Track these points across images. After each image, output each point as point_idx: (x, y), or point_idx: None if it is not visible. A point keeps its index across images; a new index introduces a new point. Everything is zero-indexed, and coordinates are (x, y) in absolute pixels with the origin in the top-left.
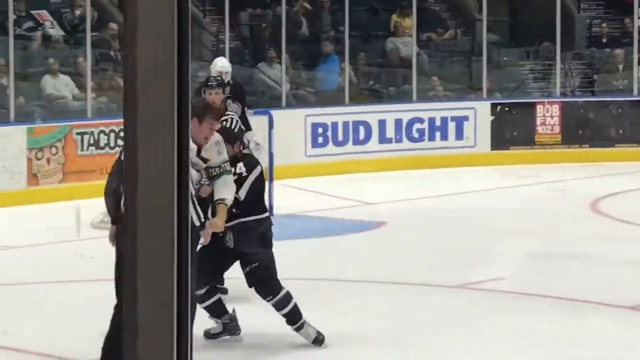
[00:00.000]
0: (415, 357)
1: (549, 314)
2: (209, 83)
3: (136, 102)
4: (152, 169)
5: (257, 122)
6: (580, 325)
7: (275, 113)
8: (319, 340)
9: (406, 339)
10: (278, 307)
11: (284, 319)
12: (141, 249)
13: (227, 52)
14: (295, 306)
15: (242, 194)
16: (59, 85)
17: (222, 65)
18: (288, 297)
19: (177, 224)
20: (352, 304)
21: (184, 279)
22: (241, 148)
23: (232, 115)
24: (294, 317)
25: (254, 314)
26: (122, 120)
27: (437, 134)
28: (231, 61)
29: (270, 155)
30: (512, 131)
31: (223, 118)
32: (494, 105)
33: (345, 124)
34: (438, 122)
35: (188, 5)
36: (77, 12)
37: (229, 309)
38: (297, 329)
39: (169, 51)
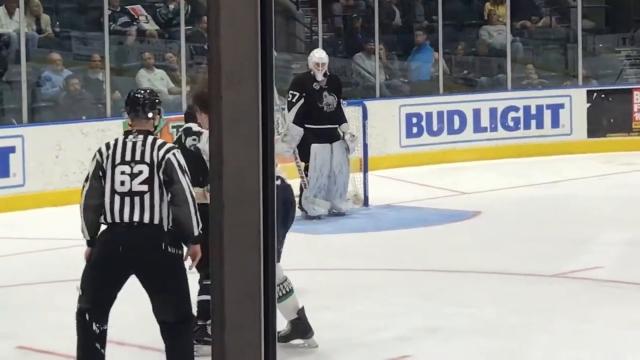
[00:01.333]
0: (518, 346)
1: None
2: None
3: (220, 94)
4: (237, 160)
5: (351, 113)
6: None
7: (369, 104)
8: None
9: (516, 328)
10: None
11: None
12: (227, 241)
13: (320, 43)
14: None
15: None
16: (154, 80)
17: (319, 56)
18: None
19: (263, 215)
20: (454, 294)
21: (270, 270)
22: None
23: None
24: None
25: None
26: None
27: (533, 122)
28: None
29: (365, 146)
30: (608, 118)
31: None
32: (589, 93)
33: (440, 113)
34: (533, 111)
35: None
36: (171, 7)
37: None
38: None
39: (253, 43)
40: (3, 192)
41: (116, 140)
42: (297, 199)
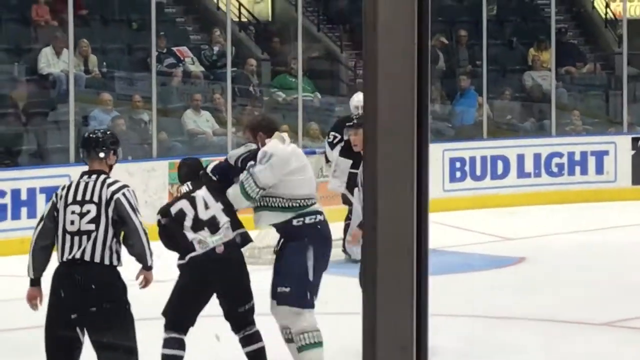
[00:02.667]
0: None
1: None
2: (349, 123)
3: (376, 145)
4: (392, 213)
5: None
6: None
7: None
8: None
9: None
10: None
11: None
12: (380, 292)
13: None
14: None
15: None
16: (199, 121)
17: (358, 99)
18: None
19: (417, 268)
20: (500, 340)
21: (423, 323)
22: None
23: None
24: None
25: None
26: None
27: (577, 169)
28: None
29: None
30: None
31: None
32: (634, 140)
33: (484, 158)
34: (577, 157)
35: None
36: (216, 48)
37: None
38: None
39: (409, 96)
40: None
41: (71, 182)
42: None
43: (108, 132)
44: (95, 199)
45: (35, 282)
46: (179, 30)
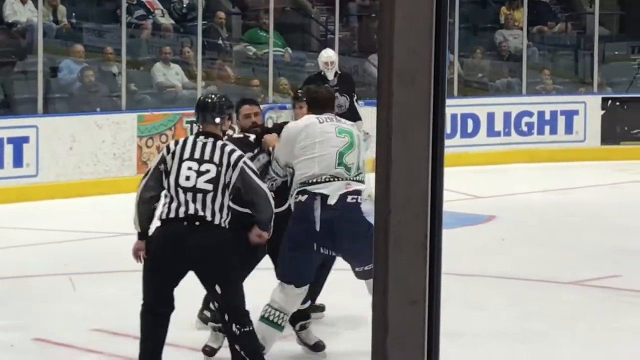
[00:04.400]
0: (540, 351)
1: None
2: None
3: (392, 92)
4: (407, 162)
5: (367, 112)
6: None
7: None
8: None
9: (539, 334)
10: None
11: None
12: (392, 245)
13: (336, 42)
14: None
15: None
16: (169, 74)
17: (327, 55)
18: None
19: (431, 218)
20: (468, 298)
21: (435, 277)
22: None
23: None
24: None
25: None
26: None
27: (547, 128)
28: (340, 52)
29: None
30: (622, 126)
31: None
32: (604, 100)
33: (454, 116)
34: (547, 116)
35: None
36: (186, 1)
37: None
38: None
39: (427, 40)
40: (16, 182)
41: (186, 139)
42: None
43: (224, 98)
44: (216, 160)
45: (142, 236)
46: None
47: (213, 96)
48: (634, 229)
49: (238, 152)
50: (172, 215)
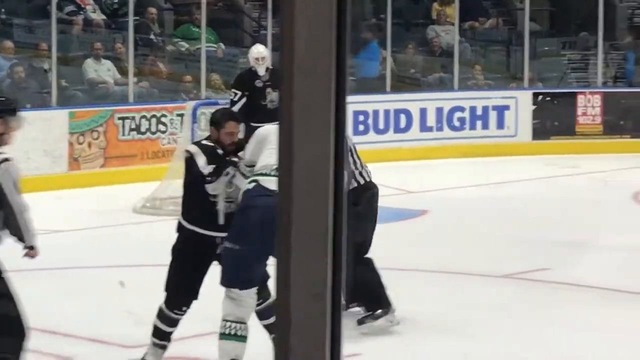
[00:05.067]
0: (472, 343)
1: (597, 305)
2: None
3: (292, 82)
4: (309, 152)
5: None
6: (632, 316)
7: None
8: None
9: (467, 328)
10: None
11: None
12: (294, 238)
13: (269, 38)
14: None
15: None
16: (100, 70)
17: (257, 51)
18: None
19: (334, 211)
20: (401, 291)
21: (337, 270)
22: None
23: None
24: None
25: None
26: (163, 105)
27: (479, 123)
28: (273, 47)
29: None
30: (553, 121)
31: None
32: (535, 95)
33: (387, 111)
34: (479, 111)
35: None
36: None
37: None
38: None
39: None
40: None
41: None
42: None
43: None
44: None
45: None
46: None
47: None
48: (565, 222)
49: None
50: None
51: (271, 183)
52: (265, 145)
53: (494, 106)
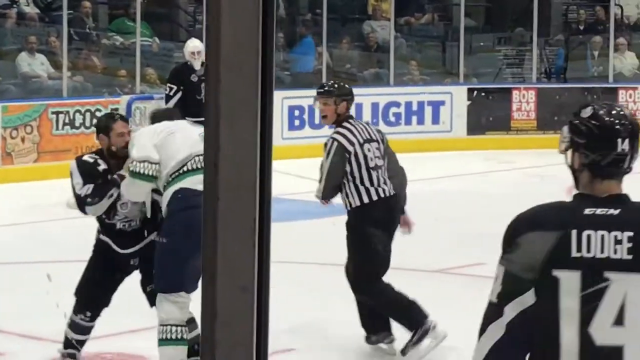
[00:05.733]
0: (404, 340)
1: None
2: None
3: (219, 78)
4: (235, 148)
5: None
6: None
7: None
8: None
9: (393, 322)
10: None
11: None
12: (221, 231)
13: (204, 32)
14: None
15: None
16: (34, 64)
17: (193, 45)
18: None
19: (260, 204)
20: (338, 286)
21: (264, 264)
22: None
23: None
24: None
25: None
26: (97, 100)
27: (414, 119)
28: None
29: None
30: (488, 117)
31: None
32: (470, 91)
33: None
34: (415, 107)
35: None
36: None
37: None
38: None
39: (254, 26)
40: None
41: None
42: None
43: None
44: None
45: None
46: None
47: None
48: (500, 217)
49: None
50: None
51: (194, 182)
52: (155, 140)
53: (429, 102)
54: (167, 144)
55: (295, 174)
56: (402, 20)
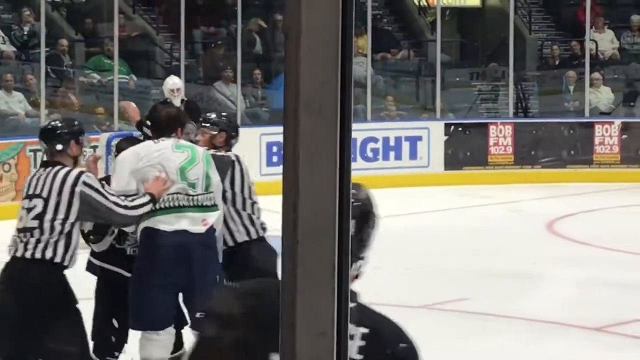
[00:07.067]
0: None
1: (516, 334)
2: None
3: (297, 120)
4: (314, 189)
5: None
6: (548, 345)
7: None
8: None
9: None
10: None
11: None
12: (300, 276)
13: (182, 69)
14: None
15: None
16: (11, 102)
17: (173, 82)
18: None
19: (338, 251)
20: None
21: (343, 308)
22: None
23: None
24: None
25: None
26: None
27: (392, 154)
28: (185, 79)
29: None
30: (465, 151)
31: None
32: (447, 126)
33: None
34: (392, 142)
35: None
36: (25, 28)
37: None
38: None
39: (333, 68)
40: None
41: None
42: None
43: (65, 122)
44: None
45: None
46: None
47: (54, 122)
48: (481, 252)
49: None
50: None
51: (161, 221)
52: (144, 172)
53: (406, 137)
54: (145, 176)
55: (274, 210)
56: (378, 56)
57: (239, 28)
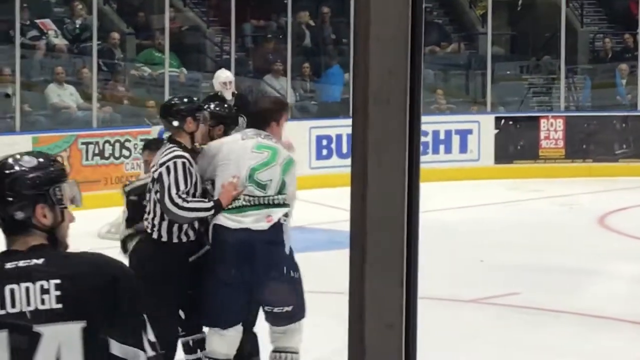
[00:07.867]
0: None
1: (567, 329)
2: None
3: (367, 112)
4: (383, 183)
5: None
6: (599, 340)
7: None
8: None
9: (441, 353)
10: None
11: None
12: (368, 267)
13: (232, 63)
14: None
15: None
16: (63, 95)
17: (225, 76)
18: None
19: (407, 241)
20: None
21: (412, 299)
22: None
23: None
24: None
25: None
26: (126, 130)
27: (441, 147)
28: (235, 72)
29: None
30: (515, 145)
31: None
32: (497, 119)
33: (350, 135)
34: (442, 136)
35: (422, 7)
36: (78, 22)
37: None
38: None
39: (402, 60)
40: None
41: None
42: None
43: (183, 99)
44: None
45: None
46: (42, 3)
47: (175, 99)
48: (532, 247)
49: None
50: None
51: (234, 220)
52: (213, 164)
53: (456, 130)
54: (220, 173)
55: (324, 204)
56: (426, 49)
57: (289, 21)
